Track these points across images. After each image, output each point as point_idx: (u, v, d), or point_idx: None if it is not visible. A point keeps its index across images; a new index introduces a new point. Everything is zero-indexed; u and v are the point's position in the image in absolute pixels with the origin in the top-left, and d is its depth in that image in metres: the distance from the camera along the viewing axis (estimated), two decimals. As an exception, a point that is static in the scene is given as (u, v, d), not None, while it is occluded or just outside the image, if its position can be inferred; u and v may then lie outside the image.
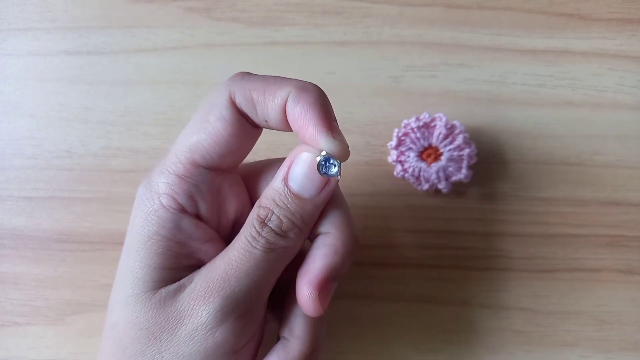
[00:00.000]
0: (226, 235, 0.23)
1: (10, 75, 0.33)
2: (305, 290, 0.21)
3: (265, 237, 0.20)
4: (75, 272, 0.32)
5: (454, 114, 0.32)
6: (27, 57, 0.33)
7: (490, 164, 0.32)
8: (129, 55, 0.33)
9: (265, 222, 0.20)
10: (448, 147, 0.30)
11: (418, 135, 0.30)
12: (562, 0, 0.33)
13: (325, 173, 0.20)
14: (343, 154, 0.20)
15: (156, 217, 0.21)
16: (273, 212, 0.20)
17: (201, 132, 0.21)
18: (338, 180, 0.21)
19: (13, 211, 0.32)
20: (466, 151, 0.30)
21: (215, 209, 0.22)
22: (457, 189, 0.32)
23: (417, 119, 0.30)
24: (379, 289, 0.31)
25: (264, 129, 0.23)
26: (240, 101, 0.21)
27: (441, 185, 0.30)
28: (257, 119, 0.21)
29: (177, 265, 0.21)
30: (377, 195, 0.32)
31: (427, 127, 0.30)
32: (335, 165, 0.20)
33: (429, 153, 0.31)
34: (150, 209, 0.21)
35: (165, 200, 0.21)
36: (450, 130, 0.30)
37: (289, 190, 0.21)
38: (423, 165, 0.30)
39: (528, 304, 0.31)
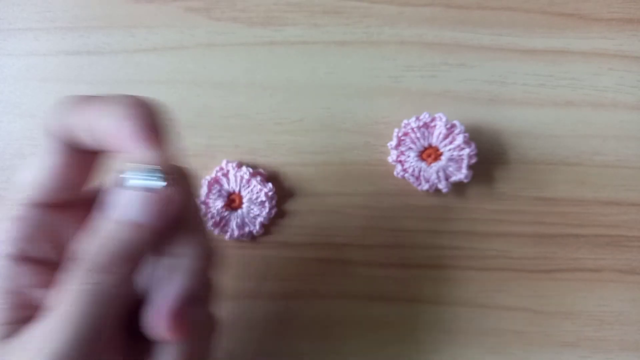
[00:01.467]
0: None
1: (10, 75, 0.33)
2: (155, 322, 0.19)
3: (84, 276, 0.18)
4: (75, 272, 0.32)
5: (454, 113, 0.32)
6: (27, 57, 0.33)
7: (490, 163, 0.32)
8: (129, 55, 0.33)
9: (86, 258, 0.18)
10: (448, 147, 0.30)
11: (418, 135, 0.30)
12: (562, 0, 0.33)
13: (140, 187, 0.18)
14: (161, 163, 0.18)
15: None
16: (93, 246, 0.18)
17: (33, 168, 0.19)
18: (169, 204, 0.19)
19: (13, 211, 0.32)
20: (466, 151, 0.30)
21: (58, 248, 0.20)
22: (457, 188, 0.32)
23: (417, 119, 0.30)
24: (379, 289, 0.31)
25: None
26: (65, 129, 0.19)
27: (441, 185, 0.30)
28: (85, 143, 0.19)
29: (17, 318, 0.19)
30: (377, 195, 0.32)
31: (427, 127, 0.30)
32: (154, 179, 0.18)
33: (429, 153, 0.31)
34: None
35: (1, 249, 0.19)
36: (450, 130, 0.30)
37: (112, 219, 0.18)
38: (423, 165, 0.30)
39: (528, 304, 0.31)
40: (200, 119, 0.32)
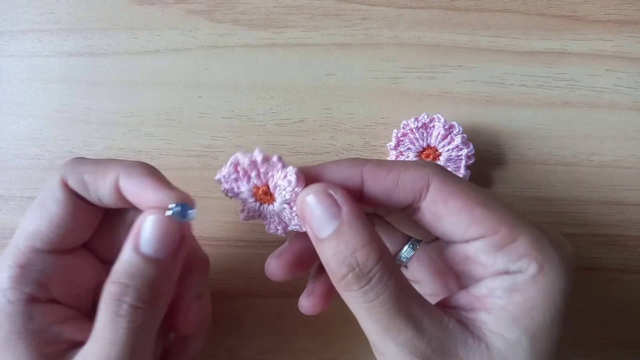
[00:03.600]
0: (88, 305, 0.23)
1: (13, 76, 0.33)
2: (177, 322, 0.23)
3: (124, 316, 0.20)
4: (78, 271, 0.32)
5: (452, 114, 0.32)
6: (30, 58, 0.33)
7: (488, 164, 0.32)
8: (131, 56, 0.33)
9: (122, 298, 0.20)
10: (446, 148, 0.30)
11: (417, 135, 0.31)
12: (559, 2, 0.33)
13: (184, 218, 0.21)
14: (189, 199, 0.21)
15: (5, 316, 0.20)
16: (129, 285, 0.20)
17: (37, 217, 0.21)
18: (181, 237, 0.22)
19: (16, 211, 0.32)
20: (464, 151, 0.30)
21: (68, 287, 0.23)
22: (456, 188, 0.32)
23: (416, 120, 0.31)
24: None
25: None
26: (72, 183, 0.22)
27: (440, 185, 0.31)
28: (91, 198, 0.22)
29: (44, 355, 0.21)
30: (377, 195, 0.32)
31: (426, 127, 0.31)
32: (190, 209, 0.21)
33: (427, 153, 0.31)
34: None
35: (11, 295, 0.21)
36: (449, 130, 0.30)
37: (143, 256, 0.20)
38: (422, 165, 0.31)
39: (526, 303, 0.32)
40: (202, 120, 0.33)
